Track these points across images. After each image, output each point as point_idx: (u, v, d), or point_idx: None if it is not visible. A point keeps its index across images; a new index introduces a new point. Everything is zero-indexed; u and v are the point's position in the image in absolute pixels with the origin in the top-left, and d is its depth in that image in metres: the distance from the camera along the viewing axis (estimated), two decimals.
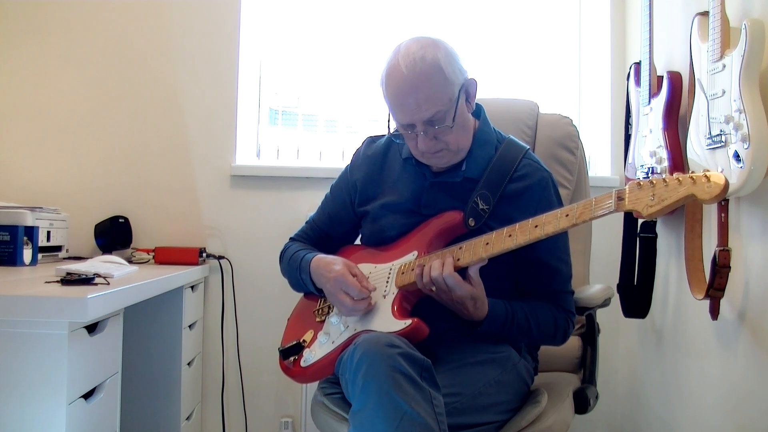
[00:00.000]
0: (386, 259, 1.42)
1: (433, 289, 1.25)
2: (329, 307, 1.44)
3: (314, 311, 1.47)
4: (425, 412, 1.08)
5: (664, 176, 1.07)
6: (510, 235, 1.21)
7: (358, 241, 1.59)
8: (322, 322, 1.42)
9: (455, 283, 1.22)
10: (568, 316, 1.40)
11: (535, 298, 1.38)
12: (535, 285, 1.39)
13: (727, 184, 1.00)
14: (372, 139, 1.58)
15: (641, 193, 1.07)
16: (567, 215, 1.15)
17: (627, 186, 1.10)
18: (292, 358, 1.39)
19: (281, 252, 1.60)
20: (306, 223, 1.63)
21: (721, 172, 1.46)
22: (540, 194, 1.39)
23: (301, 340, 1.40)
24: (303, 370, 1.37)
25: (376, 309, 1.34)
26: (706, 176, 1.02)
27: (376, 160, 1.53)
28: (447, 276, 1.22)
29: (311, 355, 1.37)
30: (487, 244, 1.24)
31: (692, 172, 1.05)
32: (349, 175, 1.56)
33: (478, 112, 1.45)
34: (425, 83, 1.27)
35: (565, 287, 1.42)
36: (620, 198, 1.09)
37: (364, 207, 1.51)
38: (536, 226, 1.18)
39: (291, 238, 1.62)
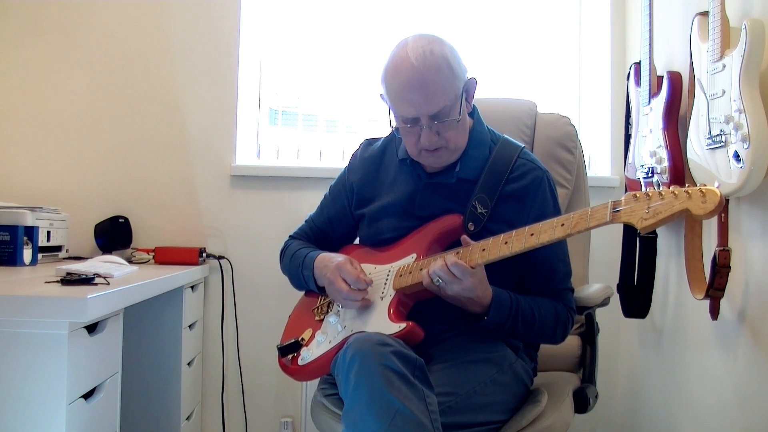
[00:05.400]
0: (385, 261, 1.42)
1: (439, 282, 1.24)
2: (328, 306, 1.45)
3: (313, 309, 1.48)
4: (418, 410, 1.07)
5: (661, 189, 1.05)
6: (506, 243, 1.22)
7: (357, 241, 1.59)
8: (321, 321, 1.43)
9: (462, 270, 1.21)
10: (569, 312, 1.40)
11: (535, 295, 1.38)
12: (534, 283, 1.39)
13: (722, 200, 0.99)
14: (369, 142, 1.59)
15: (637, 205, 1.07)
16: (563, 224, 1.15)
17: (623, 197, 1.09)
18: (290, 356, 1.40)
19: (282, 250, 1.60)
20: (305, 222, 1.64)
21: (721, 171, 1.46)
22: (535, 193, 1.39)
23: (299, 339, 1.42)
24: (300, 368, 1.38)
25: (373, 310, 1.34)
26: (701, 191, 1.00)
27: (373, 162, 1.53)
28: (452, 265, 1.21)
29: (308, 354, 1.38)
30: (483, 250, 1.24)
31: (688, 186, 1.04)
32: (347, 177, 1.57)
33: (471, 111, 1.45)
34: (435, 76, 1.28)
35: (564, 284, 1.42)
36: (616, 209, 1.09)
37: (361, 210, 1.51)
38: (532, 235, 1.19)
39: (290, 236, 1.63)
